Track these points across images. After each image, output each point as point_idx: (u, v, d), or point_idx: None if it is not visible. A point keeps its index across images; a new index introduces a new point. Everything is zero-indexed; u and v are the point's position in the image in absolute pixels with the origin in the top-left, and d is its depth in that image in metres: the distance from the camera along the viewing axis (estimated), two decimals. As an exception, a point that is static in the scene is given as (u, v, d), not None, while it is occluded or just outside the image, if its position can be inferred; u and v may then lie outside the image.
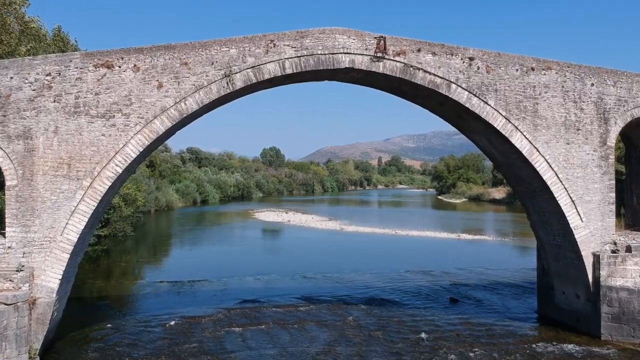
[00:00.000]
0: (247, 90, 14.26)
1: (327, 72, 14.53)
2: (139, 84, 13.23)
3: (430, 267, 26.05)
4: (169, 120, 13.29)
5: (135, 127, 13.15)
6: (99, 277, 24.25)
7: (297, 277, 23.68)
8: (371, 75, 14.63)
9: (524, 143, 14.95)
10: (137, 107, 13.19)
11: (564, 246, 15.81)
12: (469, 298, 19.83)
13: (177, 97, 13.30)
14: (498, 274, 24.51)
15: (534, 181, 15.62)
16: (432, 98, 15.27)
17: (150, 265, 28.28)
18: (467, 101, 14.65)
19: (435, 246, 35.26)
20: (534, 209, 16.54)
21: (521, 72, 15.08)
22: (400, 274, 24.42)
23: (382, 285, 21.90)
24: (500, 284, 22.38)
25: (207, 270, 25.37)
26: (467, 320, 16.81)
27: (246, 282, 22.71)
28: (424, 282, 22.73)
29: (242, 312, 17.67)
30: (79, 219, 12.89)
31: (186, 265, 27.72)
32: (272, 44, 13.71)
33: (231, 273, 24.40)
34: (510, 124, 14.88)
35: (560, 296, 16.50)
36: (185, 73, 13.38)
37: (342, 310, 17.98)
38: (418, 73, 14.34)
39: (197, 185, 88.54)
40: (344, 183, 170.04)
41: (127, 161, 13.14)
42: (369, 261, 28.22)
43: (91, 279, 23.59)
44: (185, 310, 17.70)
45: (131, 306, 19.14)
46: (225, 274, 24.07)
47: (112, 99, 13.12)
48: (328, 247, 35.21)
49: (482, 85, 14.76)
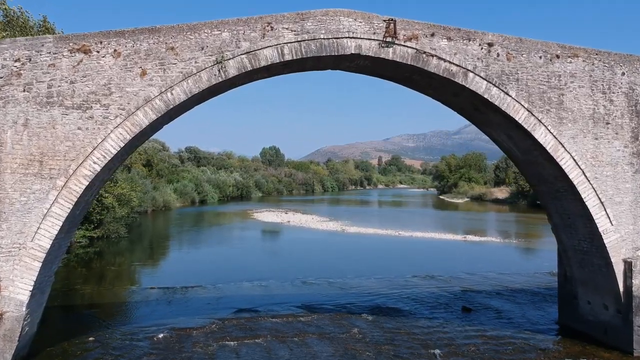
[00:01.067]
0: (241, 79, 12.82)
1: (330, 60, 13.11)
2: (119, 71, 11.79)
3: (437, 272, 24.61)
4: (153, 112, 11.85)
5: (115, 120, 11.71)
6: (89, 282, 22.83)
7: (297, 283, 22.23)
8: (379, 63, 13.20)
9: (548, 138, 13.52)
10: (117, 97, 11.76)
11: (591, 252, 14.37)
12: (483, 306, 18.39)
13: (162, 86, 11.87)
14: (510, 279, 23.08)
15: (558, 180, 14.19)
16: (446, 88, 13.83)
17: (142, 269, 26.84)
18: (486, 92, 13.22)
19: (441, 248, 33.82)
20: (557, 211, 15.10)
21: (545, 59, 13.64)
22: (407, 279, 22.97)
23: (388, 292, 20.46)
24: (514, 290, 20.94)
25: (202, 275, 23.93)
26: (483, 333, 15.37)
27: (243, 288, 21.25)
28: (433, 288, 21.28)
29: (237, 323, 16.21)
30: (52, 222, 11.45)
31: (180, 270, 26.28)
32: (269, 27, 12.27)
33: (227, 278, 22.94)
34: (533, 117, 13.44)
35: (585, 306, 15.06)
36: (171, 59, 11.94)
37: (346, 320, 16.54)
38: (432, 60, 12.91)
39: (195, 185, 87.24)
40: (344, 183, 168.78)
41: (106, 158, 11.69)
42: (373, 265, 26.78)
43: (79, 284, 22.18)
44: (175, 321, 16.25)
45: (118, 316, 17.67)
46: (221, 280, 22.61)
47: (90, 88, 11.69)
48: (329, 249, 33.75)
49: (502, 74, 13.33)
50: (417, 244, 35.81)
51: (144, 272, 26.28)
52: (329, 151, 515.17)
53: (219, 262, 28.35)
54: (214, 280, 22.52)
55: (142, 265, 28.50)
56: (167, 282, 22.48)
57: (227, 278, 22.96)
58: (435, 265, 26.81)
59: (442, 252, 32.45)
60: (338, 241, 37.33)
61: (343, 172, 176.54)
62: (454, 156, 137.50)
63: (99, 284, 22.58)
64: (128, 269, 26.84)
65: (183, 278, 23.16)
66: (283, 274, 23.85)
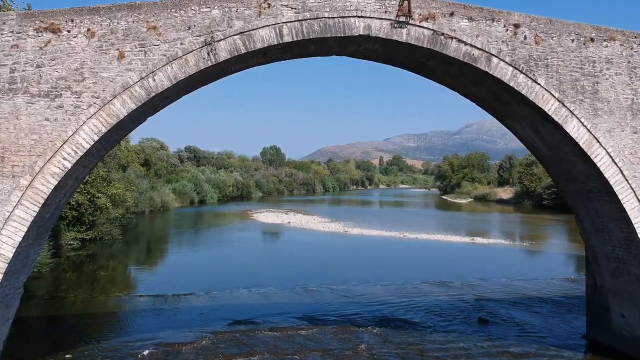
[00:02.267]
0: (234, 63, 11.28)
1: (335, 43, 11.57)
2: (93, 53, 10.25)
3: (448, 277, 23.03)
4: (132, 100, 10.31)
5: (88, 110, 10.17)
6: (76, 289, 21.34)
7: (298, 290, 20.65)
8: (391, 47, 11.66)
9: (581, 132, 11.97)
10: (91, 83, 10.22)
11: (627, 260, 12.82)
12: (501, 318, 16.83)
13: (143, 70, 10.32)
14: (526, 286, 21.52)
15: (591, 179, 12.64)
16: (466, 76, 12.29)
17: (133, 274, 25.33)
18: (512, 79, 11.67)
19: (449, 251, 32.24)
20: (588, 214, 13.54)
21: (578, 43, 12.09)
22: (415, 286, 21.40)
23: (396, 301, 18.89)
24: (531, 298, 19.38)
25: (196, 281, 22.35)
26: (504, 348, 13.83)
27: (239, 296, 19.69)
28: (444, 296, 19.71)
29: (231, 337, 14.66)
30: (15, 228, 9.91)
31: (173, 275, 24.74)
32: (266, 3, 10.73)
33: (223, 285, 21.37)
34: (565, 108, 11.89)
35: (619, 320, 13.50)
36: (153, 40, 10.40)
37: (351, 334, 14.99)
38: (451, 43, 11.36)
39: (194, 185, 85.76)
40: (345, 183, 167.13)
41: (78, 153, 10.15)
42: (379, 270, 25.21)
43: (66, 291, 20.67)
44: (163, 335, 14.70)
45: (101, 328, 16.11)
46: (216, 286, 21.03)
47: (59, 72, 10.15)
48: (331, 252, 32.14)
49: (530, 59, 11.78)
50: (423, 246, 34.25)
51: (136, 277, 24.77)
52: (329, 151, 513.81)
53: (215, 267, 26.79)
54: (208, 286, 20.96)
55: (134, 269, 27.01)
56: (158, 288, 20.95)
57: (223, 284, 21.40)
58: (444, 270, 25.25)
59: (450, 255, 30.88)
60: (340, 243, 35.76)
61: (344, 172, 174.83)
62: (456, 156, 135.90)
63: (87, 291, 21.06)
64: (119, 274, 25.34)
65: (176, 284, 21.63)
66: (283, 280, 22.28)
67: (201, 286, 21.04)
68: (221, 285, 21.29)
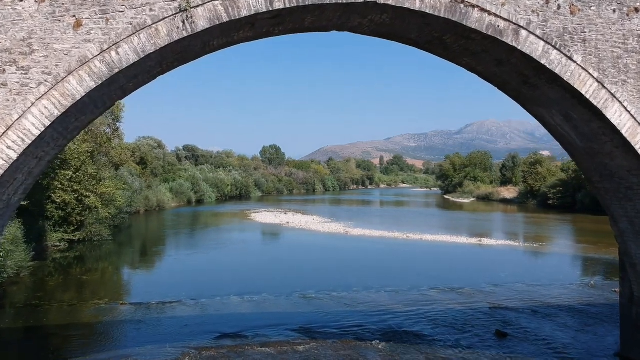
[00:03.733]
0: (216, 36, 9.52)
1: (336, 13, 9.80)
2: (44, 21, 8.50)
3: (457, 283, 21.27)
4: (92, 77, 8.55)
5: (38, 89, 8.42)
6: (55, 295, 19.66)
7: (295, 298, 18.89)
8: (401, 18, 9.90)
9: (623, 118, 10.22)
10: (41, 57, 8.46)
11: (673, 267, 11.08)
12: (521, 330, 15.06)
13: (104, 42, 8.57)
14: (543, 292, 19.77)
15: (632, 175, 10.89)
16: (488, 53, 10.52)
17: (117, 279, 23.64)
18: (543, 56, 9.91)
19: (456, 254, 30.48)
20: (626, 215, 11.78)
21: (620, 14, 10.33)
22: (423, 293, 19.64)
23: (402, 310, 17.15)
24: (551, 306, 17.63)
25: (184, 286, 20.61)
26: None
27: (229, 304, 17.93)
28: (455, 304, 17.94)
29: (217, 353, 12.92)
30: (-52, 231, 8.17)
31: (160, 280, 23.06)
32: (252, -37, 8.96)
33: (212, 291, 19.63)
34: (605, 90, 10.14)
35: (662, 336, 11.77)
36: (117, 6, 8.63)
37: (354, 350, 13.24)
38: (472, 12, 9.60)
39: (192, 184, 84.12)
40: (346, 182, 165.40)
41: (26, 141, 8.39)
42: (382, 274, 23.47)
43: (39, 298, 18.95)
44: (141, 352, 12.98)
45: (73, 343, 14.32)
46: (205, 293, 19.29)
47: (2, 44, 8.40)
48: (331, 255, 30.35)
49: (565, 32, 10.03)
50: (428, 248, 32.47)
51: (120, 282, 23.06)
52: (330, 151, 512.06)
53: (205, 271, 24.98)
54: (196, 293, 19.22)
55: (120, 273, 25.31)
56: (142, 295, 19.28)
57: (213, 291, 19.65)
58: (453, 274, 23.50)
59: (457, 258, 29.11)
60: (341, 245, 33.99)
61: (344, 171, 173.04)
62: (458, 155, 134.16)
63: (64, 298, 19.32)
64: (102, 278, 23.60)
65: (162, 290, 19.91)
66: (278, 286, 20.52)
67: (189, 293, 19.31)
68: (211, 291, 19.56)
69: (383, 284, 20.99)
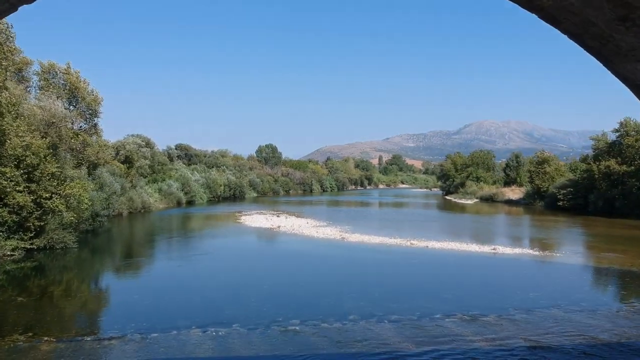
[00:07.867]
0: None
1: None
2: None
3: (479, 309, 17.04)
4: None
5: None
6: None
7: (273, 332, 14.55)
8: None
9: None
10: None
11: None
12: (579, 388, 10.88)
13: None
14: (589, 322, 15.58)
15: None
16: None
17: (57, 301, 19.27)
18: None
19: (469, 265, 26.29)
20: None
21: None
22: (437, 324, 15.37)
23: (412, 351, 12.89)
24: (606, 345, 13.39)
25: (135, 313, 16.34)
26: None
27: (186, 342, 13.61)
28: (481, 341, 13.69)
29: None
30: None
31: (108, 304, 18.79)
32: None
33: (168, 322, 15.33)
34: None
35: None
36: None
37: None
38: None
39: (182, 185, 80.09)
40: (344, 182, 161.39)
41: None
42: (384, 295, 19.21)
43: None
44: None
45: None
46: (159, 324, 15.03)
47: None
48: (324, 269, 25.95)
49: None
50: (436, 258, 28.27)
51: (57, 306, 18.53)
52: (328, 151, 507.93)
53: (167, 291, 20.13)
54: (147, 324, 14.96)
55: (63, 293, 20.91)
56: (78, 325, 15.15)
57: (169, 321, 15.36)
58: (471, 295, 19.31)
59: (471, 272, 24.89)
60: (336, 255, 29.74)
61: (343, 171, 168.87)
62: (460, 154, 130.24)
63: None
64: (39, 302, 19.21)
65: (105, 320, 15.79)
66: (253, 315, 16.16)
67: (138, 323, 15.04)
68: (167, 322, 15.28)
69: (386, 309, 16.73)
